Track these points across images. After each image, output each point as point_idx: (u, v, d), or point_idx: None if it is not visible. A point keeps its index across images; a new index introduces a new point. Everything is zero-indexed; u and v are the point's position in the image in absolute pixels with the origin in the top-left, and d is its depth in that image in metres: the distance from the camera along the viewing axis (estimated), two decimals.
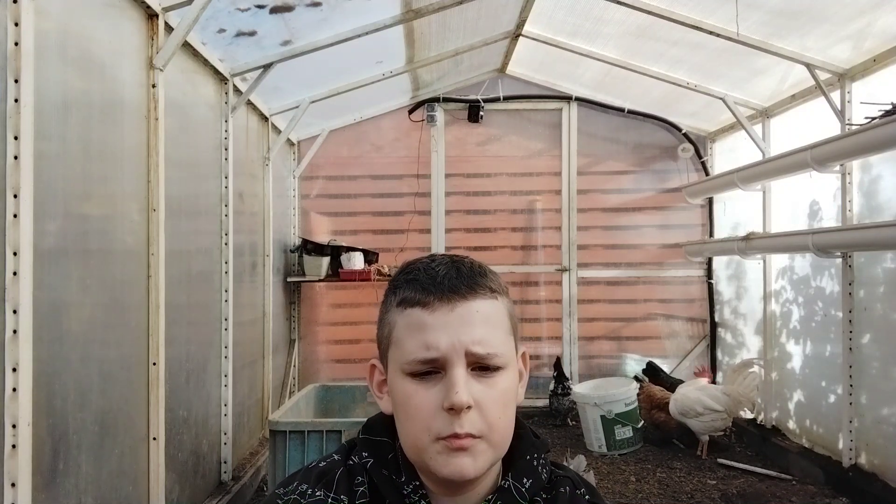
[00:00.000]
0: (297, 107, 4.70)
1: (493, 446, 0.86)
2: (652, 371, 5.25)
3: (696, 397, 4.46)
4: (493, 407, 0.86)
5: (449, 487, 0.89)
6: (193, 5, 2.67)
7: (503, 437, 0.88)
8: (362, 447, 0.94)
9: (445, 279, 0.87)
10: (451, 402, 0.83)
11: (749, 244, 4.65)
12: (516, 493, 0.90)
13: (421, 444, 0.86)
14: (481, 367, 0.86)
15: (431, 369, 0.85)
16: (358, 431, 0.97)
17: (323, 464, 0.95)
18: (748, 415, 4.87)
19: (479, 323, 0.86)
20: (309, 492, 0.90)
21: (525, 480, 0.91)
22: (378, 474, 0.91)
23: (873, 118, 3.40)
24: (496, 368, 0.87)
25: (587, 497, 0.95)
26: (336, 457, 0.95)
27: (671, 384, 4.92)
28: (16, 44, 1.83)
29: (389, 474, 0.90)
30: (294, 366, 5.52)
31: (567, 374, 5.55)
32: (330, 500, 0.89)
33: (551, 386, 5.44)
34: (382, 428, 0.94)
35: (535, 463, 0.93)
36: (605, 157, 5.82)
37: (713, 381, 4.79)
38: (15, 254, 1.83)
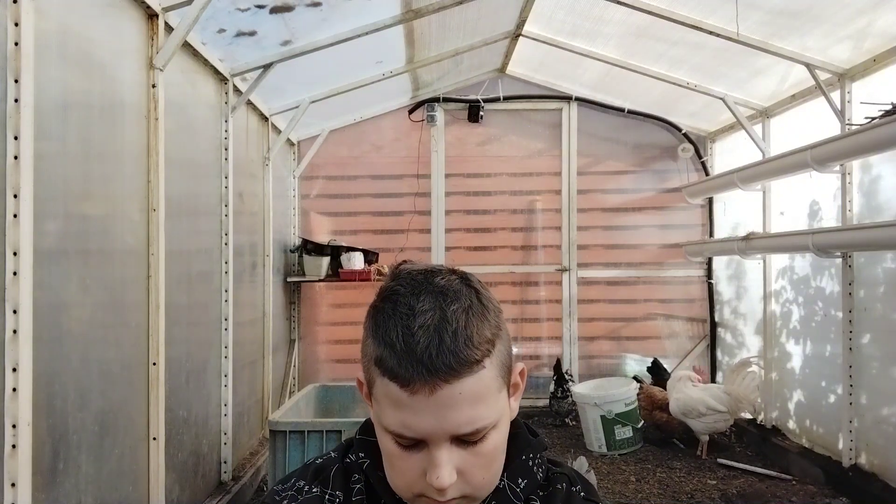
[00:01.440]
0: (297, 107, 4.70)
1: (478, 498, 0.86)
2: (656, 369, 5.25)
3: (698, 397, 4.46)
4: (478, 470, 0.83)
5: None
6: (193, 5, 2.67)
7: (489, 488, 0.87)
8: (359, 447, 0.94)
9: (425, 355, 0.76)
10: (433, 484, 0.80)
11: (749, 244, 4.65)
12: (511, 493, 0.90)
13: (404, 495, 0.85)
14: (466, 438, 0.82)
15: (412, 443, 0.81)
16: (356, 431, 0.97)
17: (320, 461, 0.96)
18: (748, 415, 4.87)
19: (465, 405, 0.78)
20: (306, 488, 0.91)
21: (520, 480, 0.91)
22: (374, 475, 0.91)
23: (873, 118, 3.40)
24: (482, 436, 0.82)
25: (582, 494, 0.95)
26: (333, 454, 0.96)
27: None
28: (16, 44, 1.83)
29: (384, 475, 0.90)
30: (294, 366, 5.52)
31: (567, 375, 5.55)
32: (326, 497, 0.90)
33: (551, 388, 5.45)
34: None
35: (531, 463, 0.93)
36: (605, 157, 5.82)
37: (705, 382, 4.78)
38: (15, 254, 1.83)
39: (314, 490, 0.90)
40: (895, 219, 3.47)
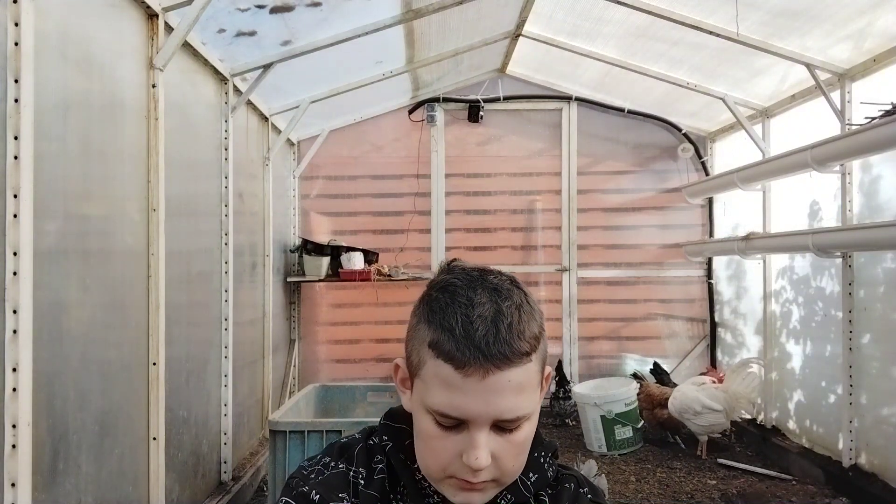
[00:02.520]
0: (297, 107, 4.70)
1: (504, 483, 0.90)
2: (658, 372, 5.25)
3: (694, 396, 4.46)
4: (510, 457, 0.87)
5: None
6: (193, 5, 2.67)
7: (515, 475, 0.91)
8: (382, 431, 0.98)
9: (483, 342, 0.82)
10: (471, 465, 0.84)
11: (749, 244, 4.65)
12: (521, 486, 0.94)
13: (434, 475, 0.89)
14: (506, 426, 0.87)
15: (455, 423, 0.86)
16: (380, 418, 1.01)
17: (345, 440, 1.01)
18: (746, 416, 4.87)
19: (511, 392, 0.84)
20: (332, 464, 0.96)
21: (531, 475, 0.95)
22: (395, 457, 0.95)
23: (873, 118, 3.40)
24: (519, 425, 0.87)
25: (590, 497, 0.99)
26: (357, 435, 1.01)
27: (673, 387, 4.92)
28: (16, 44, 1.83)
29: (405, 459, 0.94)
30: (294, 366, 5.52)
31: (567, 375, 5.55)
32: (351, 473, 0.94)
33: (552, 389, 5.44)
34: (402, 417, 0.98)
35: (542, 460, 0.98)
36: (605, 157, 5.82)
37: (720, 380, 4.78)
38: (15, 254, 1.83)
39: (340, 466, 0.95)
40: (895, 219, 3.47)
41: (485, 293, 0.86)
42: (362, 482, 0.93)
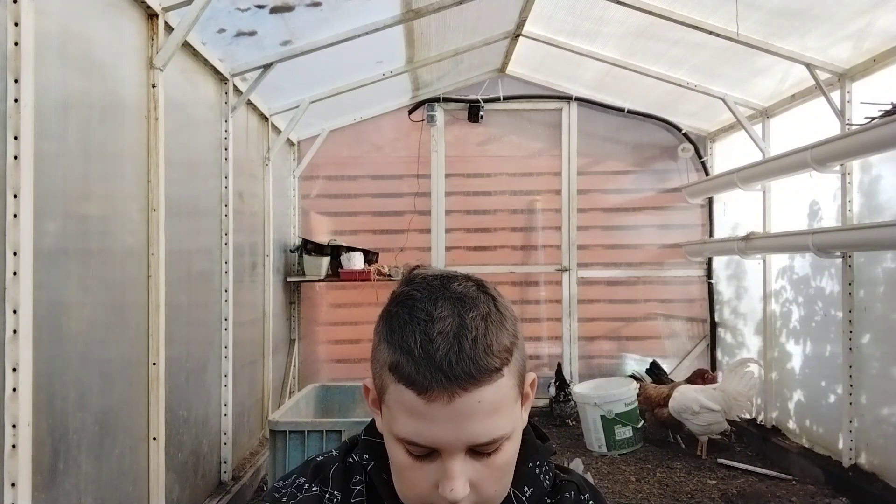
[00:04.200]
0: (297, 107, 4.70)
1: None
2: (656, 371, 5.25)
3: (692, 396, 4.47)
4: (491, 483, 0.81)
5: None
6: (193, 5, 2.67)
7: (500, 499, 0.85)
8: (363, 448, 0.93)
9: (444, 362, 0.74)
10: (447, 497, 0.78)
11: (749, 244, 4.65)
12: (517, 501, 0.89)
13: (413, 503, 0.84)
14: (483, 451, 0.80)
15: (426, 453, 0.79)
16: (362, 431, 0.96)
17: (321, 458, 0.95)
18: (746, 416, 4.87)
19: (482, 415, 0.76)
20: (305, 485, 0.90)
21: (526, 489, 0.90)
22: (378, 478, 0.90)
23: (873, 118, 3.40)
24: (498, 447, 0.80)
25: (591, 502, 0.94)
26: (335, 452, 0.95)
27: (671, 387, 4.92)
28: (16, 44, 1.83)
29: (388, 479, 0.88)
30: (294, 366, 5.52)
31: (567, 375, 5.56)
32: (326, 497, 0.89)
33: (553, 392, 5.44)
34: None
35: (538, 471, 0.92)
36: (605, 157, 5.82)
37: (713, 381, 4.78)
38: (15, 254, 1.83)
39: (314, 489, 0.89)
40: (895, 219, 3.48)
41: (446, 304, 0.78)
42: None
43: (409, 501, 0.83)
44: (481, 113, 5.69)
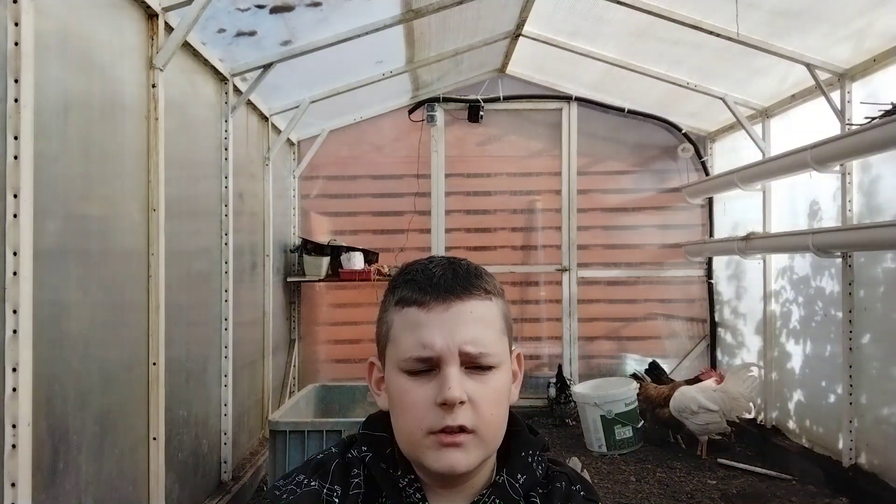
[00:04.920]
0: (297, 107, 4.70)
1: (485, 441, 0.89)
2: (655, 371, 5.25)
3: (691, 396, 4.48)
4: (486, 403, 0.88)
5: (443, 481, 0.92)
6: (193, 5, 2.67)
7: (495, 433, 0.91)
8: (362, 442, 0.97)
9: (441, 280, 0.90)
10: (444, 398, 0.85)
11: (749, 244, 4.65)
12: (510, 488, 0.93)
13: (414, 438, 0.88)
14: (475, 365, 0.89)
15: (426, 367, 0.88)
16: (359, 427, 1.00)
17: (321, 456, 0.98)
18: (747, 415, 4.87)
19: (473, 323, 0.89)
20: (305, 482, 0.93)
21: (519, 476, 0.94)
22: (376, 468, 0.94)
23: (873, 118, 3.40)
24: (489, 367, 0.89)
25: (582, 493, 0.97)
26: (334, 450, 0.99)
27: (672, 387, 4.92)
28: (16, 44, 1.83)
29: (387, 468, 0.93)
30: (294, 366, 5.52)
31: (567, 375, 5.55)
32: (325, 491, 0.92)
33: (553, 393, 5.44)
34: (382, 425, 0.97)
35: (530, 459, 0.96)
36: (605, 157, 5.82)
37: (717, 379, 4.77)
38: (15, 254, 1.83)
39: (313, 484, 0.93)
40: (895, 219, 3.48)
41: (441, 260, 0.95)
42: (337, 500, 0.91)
43: (411, 431, 0.89)
44: (481, 113, 5.69)
